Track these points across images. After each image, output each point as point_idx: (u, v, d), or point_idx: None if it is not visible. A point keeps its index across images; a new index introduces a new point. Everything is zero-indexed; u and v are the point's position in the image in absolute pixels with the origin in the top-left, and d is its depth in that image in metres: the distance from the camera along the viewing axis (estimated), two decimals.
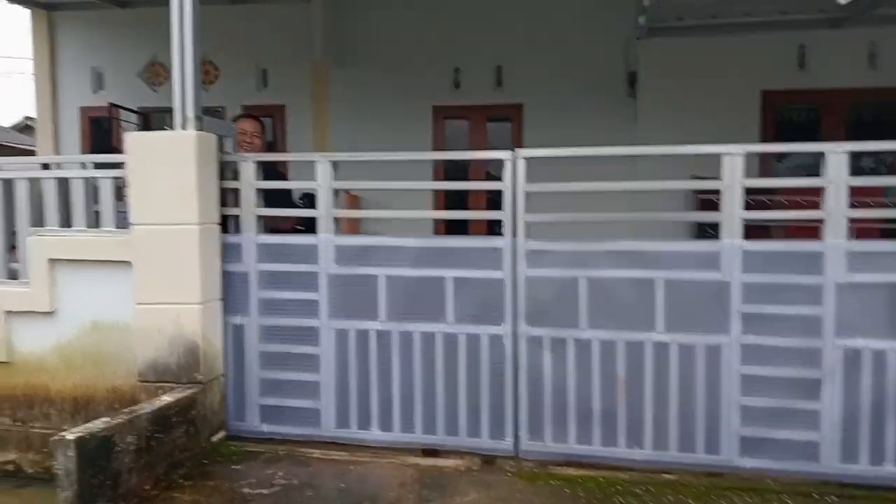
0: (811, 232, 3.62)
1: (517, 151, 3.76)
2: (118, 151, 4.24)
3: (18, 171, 4.36)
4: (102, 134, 9.61)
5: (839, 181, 3.44)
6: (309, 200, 4.73)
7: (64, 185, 4.21)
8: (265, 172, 4.16)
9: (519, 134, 8.89)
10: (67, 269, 4.12)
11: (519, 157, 3.75)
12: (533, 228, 3.76)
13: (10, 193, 4.30)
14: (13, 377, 4.25)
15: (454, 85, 8.98)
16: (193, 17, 3.92)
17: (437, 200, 8.43)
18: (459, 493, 3.40)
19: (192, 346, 3.86)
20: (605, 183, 3.72)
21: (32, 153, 16.29)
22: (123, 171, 4.02)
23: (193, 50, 3.93)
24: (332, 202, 3.97)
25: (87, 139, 9.97)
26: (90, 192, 4.17)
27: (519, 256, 3.74)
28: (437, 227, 8.04)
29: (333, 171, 3.97)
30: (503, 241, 3.77)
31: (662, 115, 7.90)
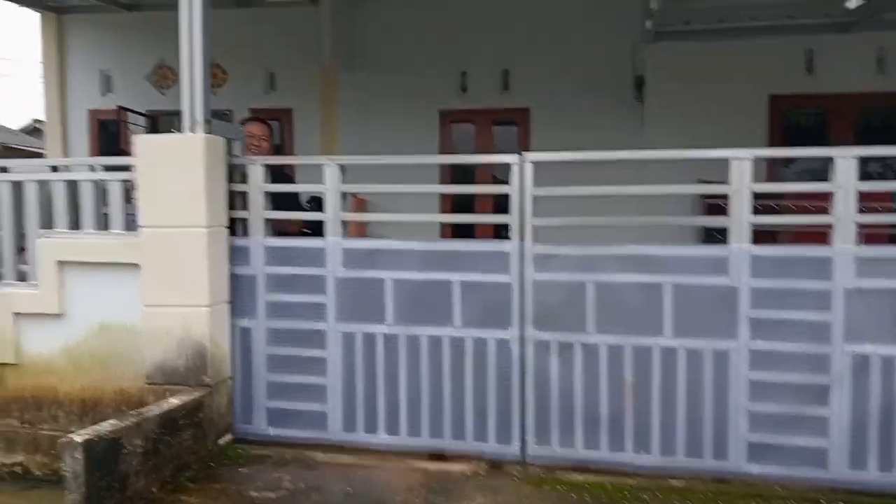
0: (817, 237, 3.61)
1: (525, 155, 3.77)
2: (126, 154, 4.26)
3: (28, 173, 4.39)
4: (110, 137, 9.65)
5: (848, 186, 3.43)
6: (316, 203, 4.74)
7: (73, 187, 4.22)
8: (273, 175, 4.17)
9: (525, 138, 8.89)
10: (76, 271, 4.13)
11: (526, 160, 3.75)
12: (539, 232, 3.76)
13: (19, 196, 4.32)
14: (21, 379, 4.26)
15: (461, 89, 9.00)
16: (203, 20, 3.94)
17: (443, 204, 8.43)
18: (466, 497, 3.40)
19: (199, 348, 3.87)
20: (612, 187, 3.72)
21: (40, 156, 16.34)
22: (132, 173, 4.04)
23: (203, 53, 3.95)
24: (339, 205, 3.97)
25: (95, 142, 10.01)
26: (99, 194, 4.18)
27: (526, 260, 3.74)
28: (443, 230, 8.04)
29: (341, 174, 3.98)
30: (510, 244, 3.77)
31: (669, 119, 7.88)
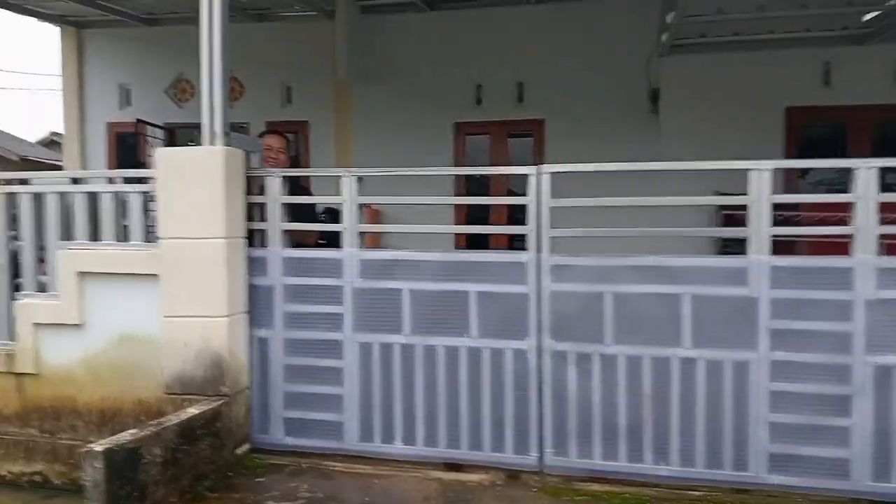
0: (835, 248, 3.58)
1: (542, 167, 3.77)
2: (144, 166, 4.30)
3: (48, 185, 4.44)
4: (128, 149, 9.74)
5: (868, 197, 3.41)
6: (331, 215, 4.77)
7: (92, 199, 4.27)
8: (290, 187, 4.20)
9: (540, 149, 8.89)
10: (96, 282, 4.16)
11: (543, 172, 3.75)
12: (556, 243, 3.76)
13: (39, 207, 4.36)
14: (41, 389, 4.29)
15: (476, 101, 9.02)
16: (222, 34, 3.98)
17: (457, 215, 8.44)
18: None
19: (217, 358, 3.89)
20: (630, 198, 3.72)
21: (58, 168, 16.50)
22: (151, 185, 4.08)
23: (222, 67, 3.99)
24: (357, 217, 3.99)
25: (113, 154, 10.10)
26: (118, 206, 4.22)
27: (543, 271, 3.74)
28: (457, 241, 8.04)
29: (358, 186, 4.00)
30: (527, 255, 3.77)
31: (685, 131, 7.86)
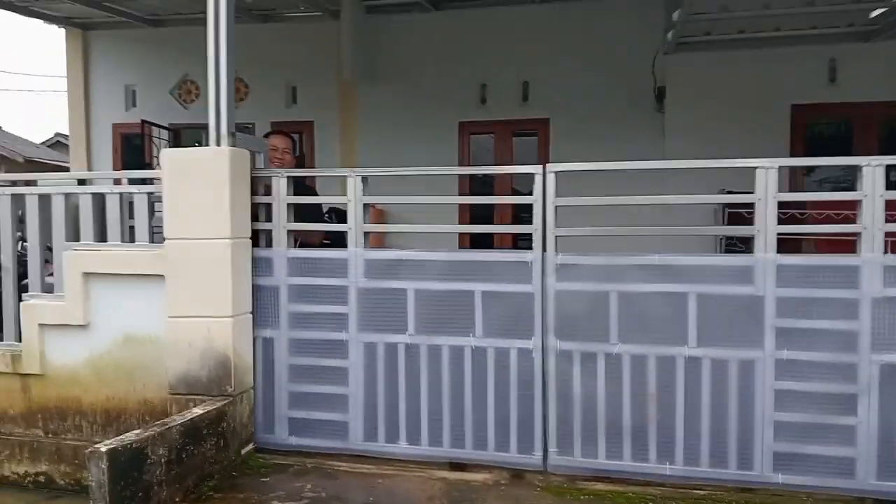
0: (840, 246, 3.57)
1: (547, 166, 3.76)
2: (150, 167, 4.30)
3: (54, 186, 4.44)
4: (134, 150, 9.77)
5: (875, 195, 3.39)
6: (336, 215, 4.77)
7: (98, 200, 4.28)
8: (296, 187, 4.20)
9: (545, 148, 8.89)
10: (101, 282, 4.16)
11: (549, 171, 3.74)
12: (560, 242, 3.75)
13: (45, 208, 4.37)
14: (46, 389, 4.29)
15: (480, 100, 9.02)
16: (228, 36, 3.98)
17: (461, 214, 8.44)
18: None
19: (222, 359, 3.90)
20: (637, 197, 3.70)
21: (63, 169, 16.56)
22: (156, 186, 4.09)
23: (228, 68, 3.99)
24: (362, 216, 3.99)
25: (118, 155, 10.14)
26: (125, 207, 4.23)
27: (548, 270, 3.73)
28: (461, 240, 8.04)
29: (363, 186, 4.00)
30: (532, 254, 3.76)
31: (690, 129, 7.84)
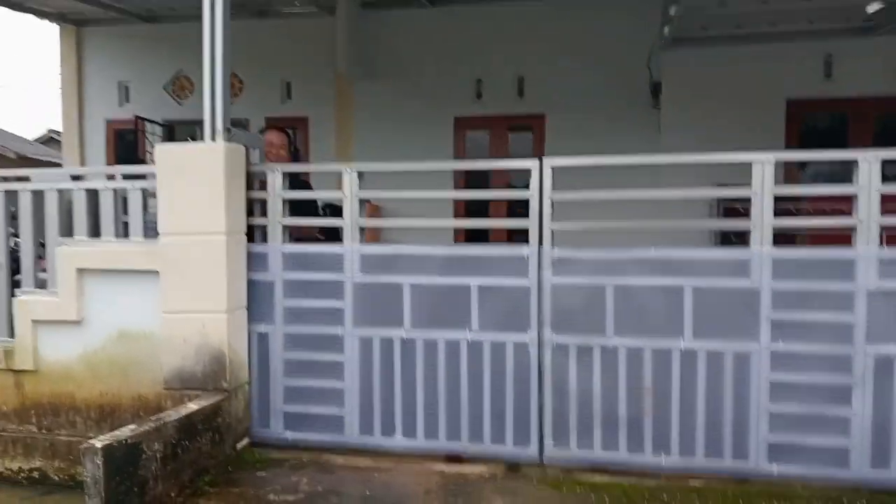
0: (835, 239, 3.57)
1: (544, 160, 3.76)
2: (143, 163, 4.28)
3: (48, 182, 4.42)
4: (127, 146, 9.73)
5: (871, 189, 3.40)
6: (331, 210, 4.75)
7: (92, 195, 4.26)
8: (291, 183, 4.19)
9: (541, 144, 8.86)
10: (95, 278, 4.15)
11: (546, 165, 3.74)
12: (557, 236, 3.75)
13: (39, 204, 4.35)
14: (40, 385, 4.28)
15: (476, 96, 8.99)
16: (224, 31, 3.96)
17: (456, 209, 8.43)
18: (485, 499, 3.39)
19: (217, 354, 3.88)
20: (634, 191, 3.70)
21: (57, 165, 16.48)
22: (150, 181, 4.07)
23: (223, 63, 3.97)
24: (358, 212, 3.98)
25: (112, 151, 10.09)
26: (118, 202, 4.21)
27: (545, 264, 3.73)
28: (456, 235, 8.03)
29: (359, 180, 3.99)
30: (529, 248, 3.75)
31: (686, 125, 7.83)
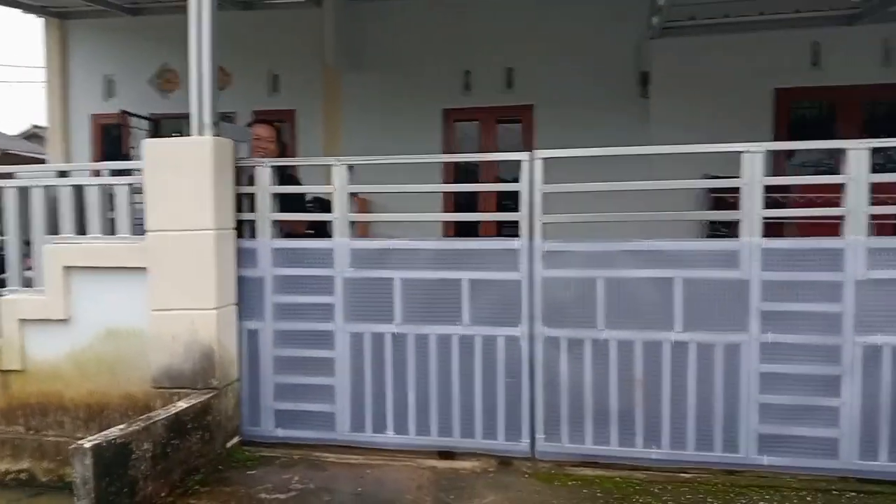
0: (824, 229, 3.58)
1: (535, 152, 3.74)
2: (128, 158, 4.23)
3: (32, 179, 4.37)
4: (112, 141, 9.62)
5: (860, 178, 3.40)
6: (319, 205, 4.72)
7: (77, 192, 4.21)
8: (279, 177, 4.15)
9: (529, 135, 8.84)
10: (82, 276, 4.11)
11: (536, 158, 3.72)
12: (546, 229, 3.74)
13: (23, 201, 4.30)
14: (27, 385, 4.24)
15: (464, 87, 8.95)
16: (211, 24, 3.92)
17: (446, 203, 8.40)
18: (477, 494, 3.38)
19: (207, 351, 3.85)
20: (623, 183, 3.69)
21: (39, 161, 16.31)
22: (137, 177, 4.02)
23: (210, 56, 3.92)
24: (347, 206, 3.95)
25: (97, 146, 9.98)
26: (105, 199, 4.16)
27: (535, 257, 3.72)
28: (445, 229, 8.00)
29: (349, 174, 3.96)
30: (520, 242, 3.74)
31: (675, 115, 7.82)
